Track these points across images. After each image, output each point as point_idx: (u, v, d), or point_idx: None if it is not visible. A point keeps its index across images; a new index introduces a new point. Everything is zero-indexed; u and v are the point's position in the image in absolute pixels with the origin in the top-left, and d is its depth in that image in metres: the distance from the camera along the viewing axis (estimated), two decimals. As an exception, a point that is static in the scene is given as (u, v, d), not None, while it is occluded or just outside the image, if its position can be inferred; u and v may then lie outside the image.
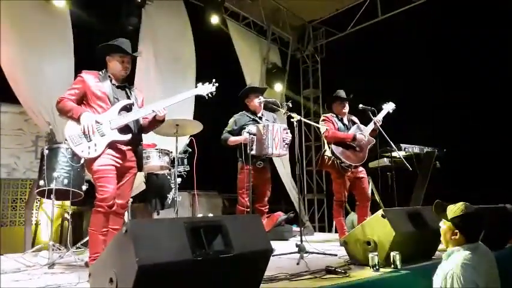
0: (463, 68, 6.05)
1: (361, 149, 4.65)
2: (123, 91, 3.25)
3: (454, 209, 2.38)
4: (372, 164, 5.80)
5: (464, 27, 6.01)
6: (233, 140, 4.33)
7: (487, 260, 2.33)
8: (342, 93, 4.88)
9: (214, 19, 6.58)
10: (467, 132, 5.91)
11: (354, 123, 4.85)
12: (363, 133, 4.65)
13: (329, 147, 4.71)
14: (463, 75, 6.03)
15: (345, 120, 4.83)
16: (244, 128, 4.26)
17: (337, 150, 4.62)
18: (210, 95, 3.36)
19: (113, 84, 3.20)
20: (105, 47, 3.22)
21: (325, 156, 4.74)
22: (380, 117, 4.68)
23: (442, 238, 2.44)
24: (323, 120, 4.81)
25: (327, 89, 8.70)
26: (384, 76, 6.74)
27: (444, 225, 2.41)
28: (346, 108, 4.84)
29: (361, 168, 4.71)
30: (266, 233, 2.39)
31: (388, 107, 4.79)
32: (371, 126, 4.67)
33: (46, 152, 3.87)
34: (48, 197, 3.77)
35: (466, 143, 5.76)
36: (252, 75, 7.49)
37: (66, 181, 3.81)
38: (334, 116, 4.83)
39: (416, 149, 5.22)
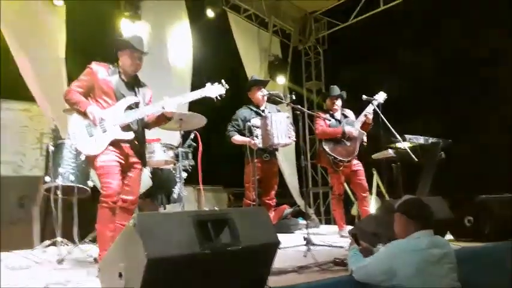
0: (472, 55, 6.01)
1: (352, 142, 4.79)
2: (131, 87, 3.20)
3: (399, 201, 2.49)
4: (376, 156, 5.77)
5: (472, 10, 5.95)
6: (238, 139, 4.32)
7: (433, 252, 2.24)
8: (334, 89, 4.99)
9: (212, 12, 6.57)
10: (476, 123, 5.90)
11: (346, 117, 4.97)
12: (354, 126, 4.79)
13: (320, 145, 4.90)
14: (472, 63, 5.98)
15: (337, 116, 4.95)
16: (248, 122, 4.25)
17: (328, 146, 4.79)
18: (219, 97, 3.22)
19: (122, 80, 3.15)
20: (117, 41, 3.22)
21: (321, 152, 4.92)
22: (370, 109, 4.77)
23: (396, 233, 2.45)
24: (316, 117, 5.00)
25: (330, 81, 8.68)
26: (386, 66, 6.71)
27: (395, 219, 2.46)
28: (338, 105, 4.97)
29: (355, 161, 4.86)
30: (273, 225, 2.39)
31: (379, 97, 4.81)
32: (361, 119, 4.80)
33: (51, 148, 3.87)
34: (55, 194, 3.79)
35: (474, 134, 5.75)
36: (253, 67, 7.47)
37: (72, 177, 3.81)
38: (327, 112, 4.99)
39: (421, 139, 5.16)
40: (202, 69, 6.52)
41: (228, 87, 3.27)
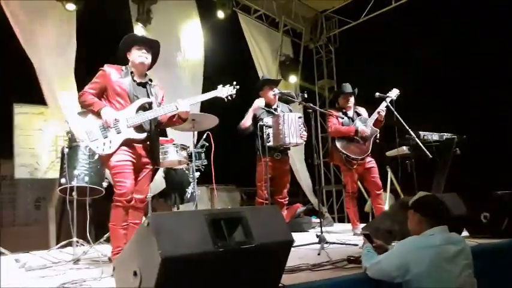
0: (483, 52, 5.91)
1: (365, 141, 4.76)
2: (144, 88, 3.24)
3: (413, 198, 2.46)
4: (390, 153, 5.73)
5: (482, 8, 5.86)
6: (242, 122, 4.33)
7: (446, 249, 2.21)
8: (346, 87, 4.96)
9: (222, 14, 6.59)
10: (487, 119, 5.80)
11: (359, 115, 4.93)
12: (366, 125, 4.75)
13: (333, 143, 4.85)
14: (487, 59, 5.88)
15: (350, 114, 4.93)
16: (260, 120, 4.25)
17: (341, 144, 4.76)
18: (229, 97, 3.32)
19: (134, 81, 3.20)
20: (123, 41, 3.24)
21: (334, 150, 4.89)
22: (383, 106, 4.71)
23: (410, 230, 2.44)
24: (328, 115, 4.97)
25: (342, 79, 8.62)
26: (399, 63, 6.63)
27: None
28: (351, 102, 4.94)
29: (369, 159, 4.82)
30: (286, 223, 2.38)
31: (392, 94, 4.75)
32: (374, 117, 4.76)
33: (66, 150, 3.93)
34: (70, 195, 3.84)
35: (489, 130, 5.66)
36: (265, 67, 7.48)
37: (86, 178, 3.87)
38: (339, 110, 4.96)
39: (435, 136, 5.10)
40: (214, 70, 6.55)
41: (238, 87, 3.33)
